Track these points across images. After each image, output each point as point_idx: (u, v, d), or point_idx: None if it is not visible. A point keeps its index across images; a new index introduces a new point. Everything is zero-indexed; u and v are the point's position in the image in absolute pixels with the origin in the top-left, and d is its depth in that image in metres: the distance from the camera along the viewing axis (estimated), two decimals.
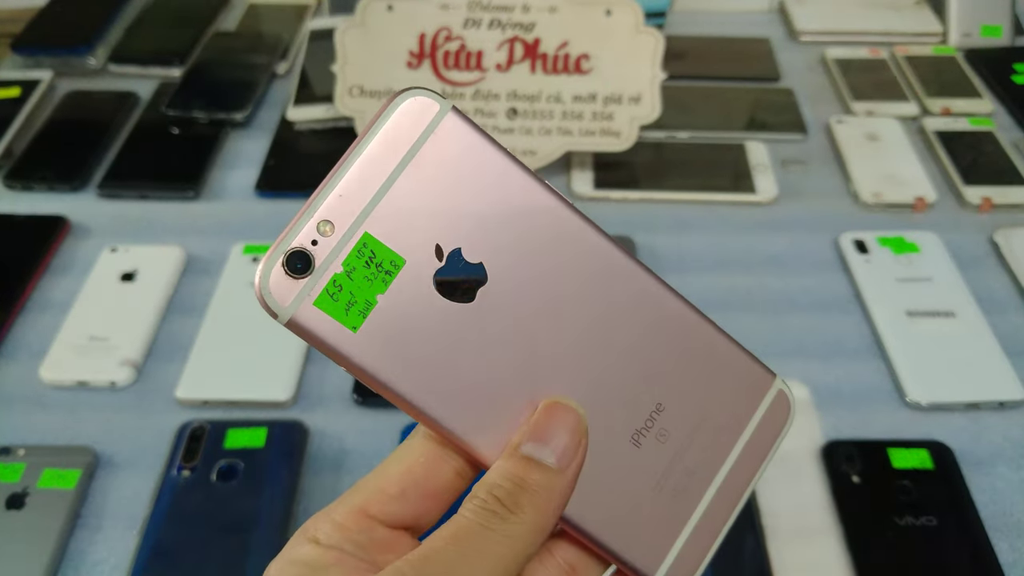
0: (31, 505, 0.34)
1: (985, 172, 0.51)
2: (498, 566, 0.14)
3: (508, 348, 0.15)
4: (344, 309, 0.14)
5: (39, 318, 0.43)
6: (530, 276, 0.15)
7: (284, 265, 0.14)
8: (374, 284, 0.14)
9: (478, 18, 0.48)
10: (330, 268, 0.14)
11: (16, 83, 0.59)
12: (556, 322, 0.15)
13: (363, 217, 0.14)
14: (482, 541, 0.14)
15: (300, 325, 0.14)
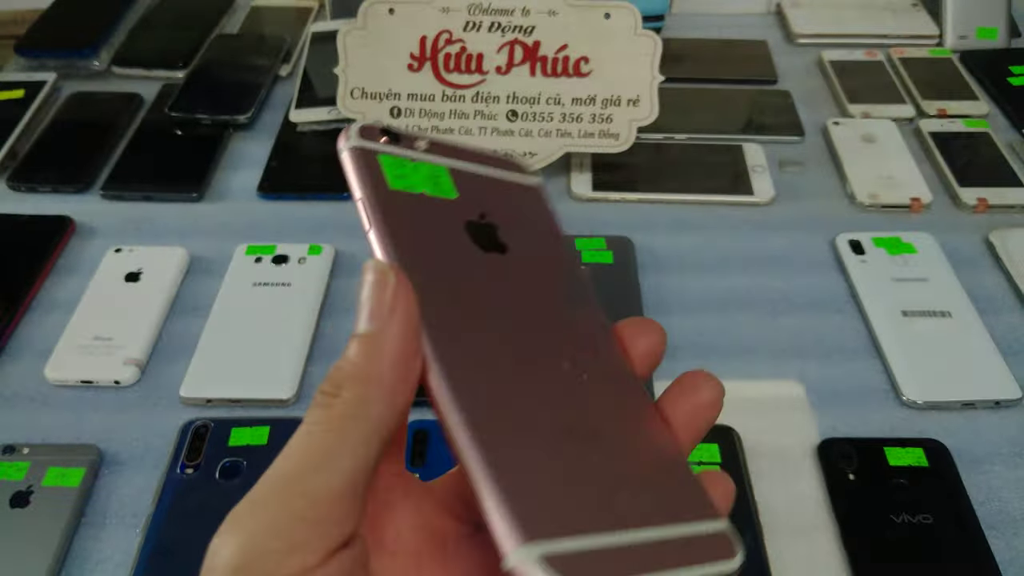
0: (35, 503, 0.34)
1: (980, 173, 0.52)
2: (337, 455, 0.13)
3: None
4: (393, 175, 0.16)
5: (44, 318, 0.44)
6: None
7: (380, 128, 0.16)
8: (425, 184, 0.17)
9: (479, 21, 0.49)
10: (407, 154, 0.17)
11: (20, 85, 0.59)
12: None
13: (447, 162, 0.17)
14: (310, 440, 0.13)
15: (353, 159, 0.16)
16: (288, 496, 0.13)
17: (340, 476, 0.13)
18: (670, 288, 0.45)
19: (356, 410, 0.14)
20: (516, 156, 0.20)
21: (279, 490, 0.13)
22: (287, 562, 0.12)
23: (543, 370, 0.16)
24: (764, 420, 0.38)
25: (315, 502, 0.13)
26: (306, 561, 0.13)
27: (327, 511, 0.13)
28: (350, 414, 0.14)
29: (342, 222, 0.50)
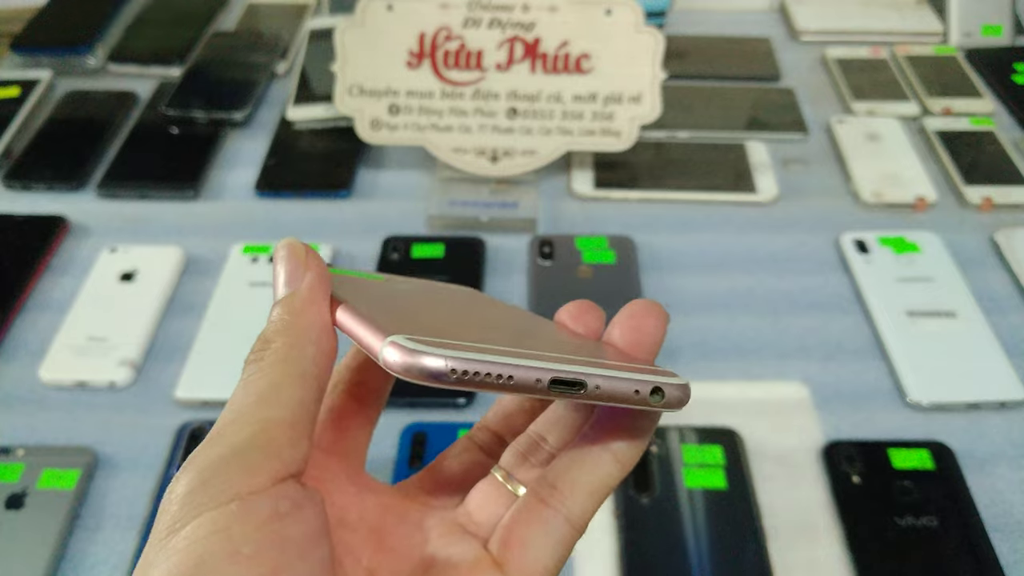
0: (30, 505, 0.34)
1: (986, 172, 0.51)
2: (276, 391, 0.14)
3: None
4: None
5: (38, 318, 0.43)
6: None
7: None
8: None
9: (478, 17, 0.48)
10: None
11: (15, 83, 0.59)
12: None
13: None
14: (248, 386, 0.15)
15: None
16: (236, 428, 0.14)
17: (282, 408, 0.14)
18: (672, 287, 0.44)
19: (286, 353, 0.15)
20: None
21: (226, 426, 0.14)
22: (236, 482, 0.13)
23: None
24: (767, 422, 0.37)
25: (261, 430, 0.14)
26: (254, 482, 0.13)
27: (273, 437, 0.14)
28: (281, 358, 0.15)
29: (340, 221, 0.49)
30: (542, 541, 0.16)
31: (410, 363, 0.13)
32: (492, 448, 0.19)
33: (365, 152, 0.54)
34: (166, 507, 0.13)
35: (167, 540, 0.13)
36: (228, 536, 0.13)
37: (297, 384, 0.15)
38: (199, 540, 0.12)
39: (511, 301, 0.44)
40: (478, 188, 0.50)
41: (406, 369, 0.13)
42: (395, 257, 0.46)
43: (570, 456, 0.16)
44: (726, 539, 0.33)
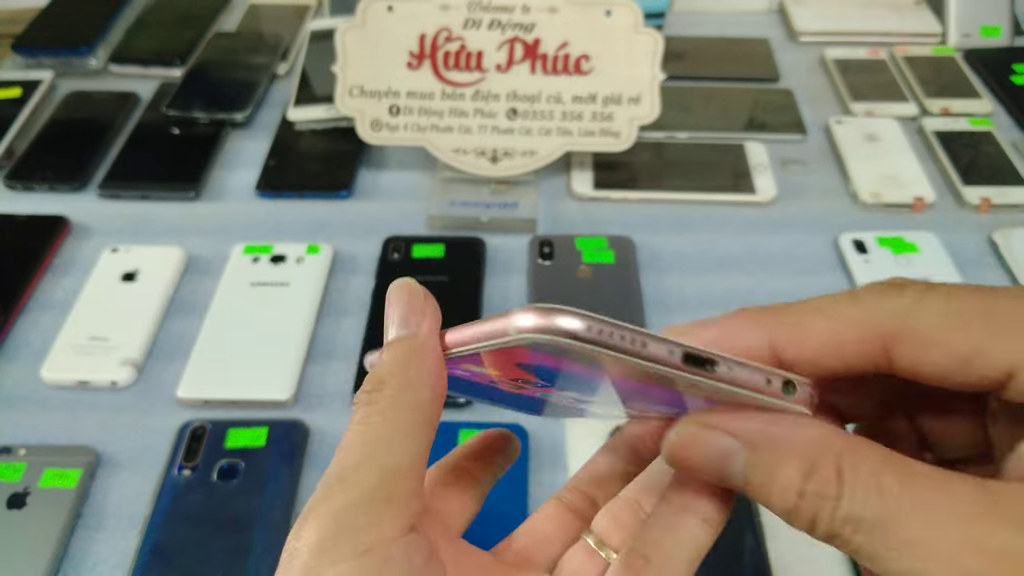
0: (32, 505, 0.34)
1: (984, 172, 0.51)
2: (395, 438, 0.14)
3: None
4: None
5: (40, 318, 0.43)
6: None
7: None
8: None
9: (478, 19, 0.48)
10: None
11: (17, 83, 0.59)
12: None
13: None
14: (366, 430, 0.14)
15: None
16: (360, 475, 0.14)
17: (401, 457, 0.14)
18: (671, 288, 0.45)
19: (403, 398, 0.15)
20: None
21: (349, 472, 0.14)
22: (370, 531, 0.13)
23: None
24: None
25: (387, 479, 0.14)
26: (385, 533, 0.13)
27: (398, 487, 0.14)
28: (397, 403, 0.14)
29: (341, 221, 0.49)
30: None
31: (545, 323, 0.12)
32: (583, 510, 0.18)
33: (365, 153, 0.54)
34: (296, 550, 0.13)
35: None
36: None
37: (414, 432, 0.14)
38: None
39: (511, 301, 0.44)
40: (478, 188, 0.50)
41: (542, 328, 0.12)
42: (395, 257, 0.46)
43: (659, 526, 0.16)
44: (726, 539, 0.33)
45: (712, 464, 0.14)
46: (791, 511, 0.13)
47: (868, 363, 0.14)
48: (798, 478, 0.13)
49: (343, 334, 0.42)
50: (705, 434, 0.14)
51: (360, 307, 0.44)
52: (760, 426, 0.13)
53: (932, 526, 0.12)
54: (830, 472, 0.12)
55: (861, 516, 0.12)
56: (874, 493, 0.12)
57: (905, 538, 0.12)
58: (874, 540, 0.12)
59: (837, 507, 0.12)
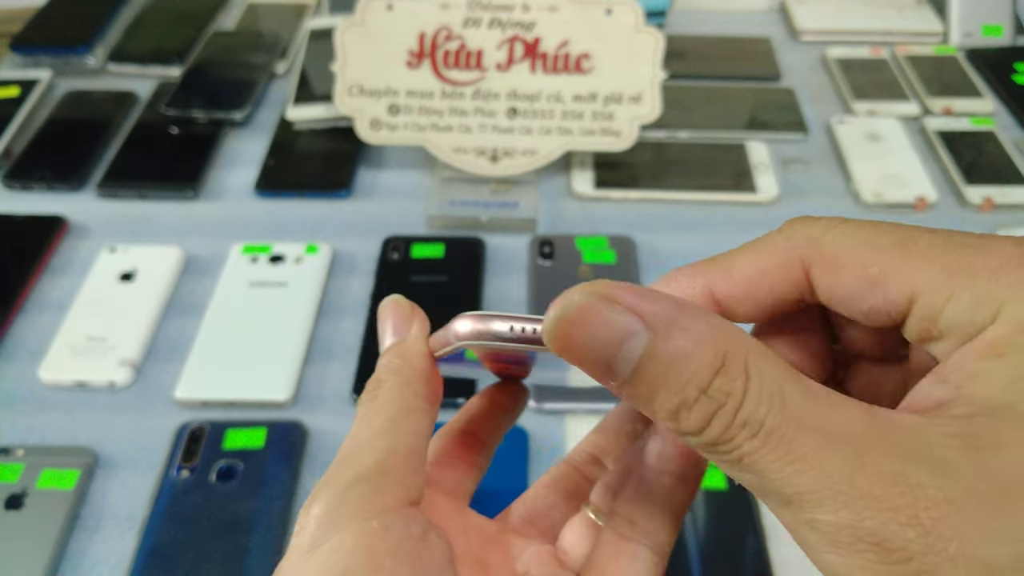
0: (30, 505, 0.34)
1: (986, 172, 0.51)
2: (394, 424, 0.15)
3: None
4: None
5: (38, 318, 0.43)
6: None
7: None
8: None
9: (478, 17, 0.48)
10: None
11: (15, 83, 0.59)
12: None
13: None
14: (367, 421, 0.15)
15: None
16: (361, 457, 0.15)
17: (400, 440, 0.15)
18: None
19: (399, 391, 0.16)
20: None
21: (350, 456, 0.15)
22: (371, 502, 0.14)
23: None
24: None
25: (385, 458, 0.15)
26: (386, 503, 0.14)
27: (396, 464, 0.15)
28: (395, 395, 0.16)
29: (339, 221, 0.49)
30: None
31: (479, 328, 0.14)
32: (590, 472, 0.19)
33: (365, 152, 0.54)
34: (304, 525, 0.14)
35: (310, 555, 0.13)
36: (371, 551, 0.13)
37: (411, 418, 0.15)
38: (343, 555, 0.13)
39: (511, 301, 0.44)
40: (478, 188, 0.50)
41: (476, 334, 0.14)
42: (395, 257, 0.46)
43: (638, 490, 0.16)
44: (726, 539, 0.33)
45: (603, 347, 0.12)
46: (683, 408, 0.12)
47: (794, 290, 0.14)
48: (707, 372, 0.11)
49: (342, 334, 0.42)
50: (603, 309, 0.12)
51: (359, 307, 0.44)
52: (668, 310, 0.12)
53: (824, 445, 0.11)
54: (739, 369, 0.11)
55: (762, 421, 0.11)
56: (777, 399, 0.11)
57: (797, 453, 0.11)
58: (765, 450, 0.11)
59: (740, 407, 0.11)
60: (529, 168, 0.49)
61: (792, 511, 0.11)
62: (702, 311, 0.12)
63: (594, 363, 0.12)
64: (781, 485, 0.11)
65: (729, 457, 0.12)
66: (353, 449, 0.15)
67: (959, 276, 0.12)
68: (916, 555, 0.10)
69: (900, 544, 0.10)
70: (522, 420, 0.37)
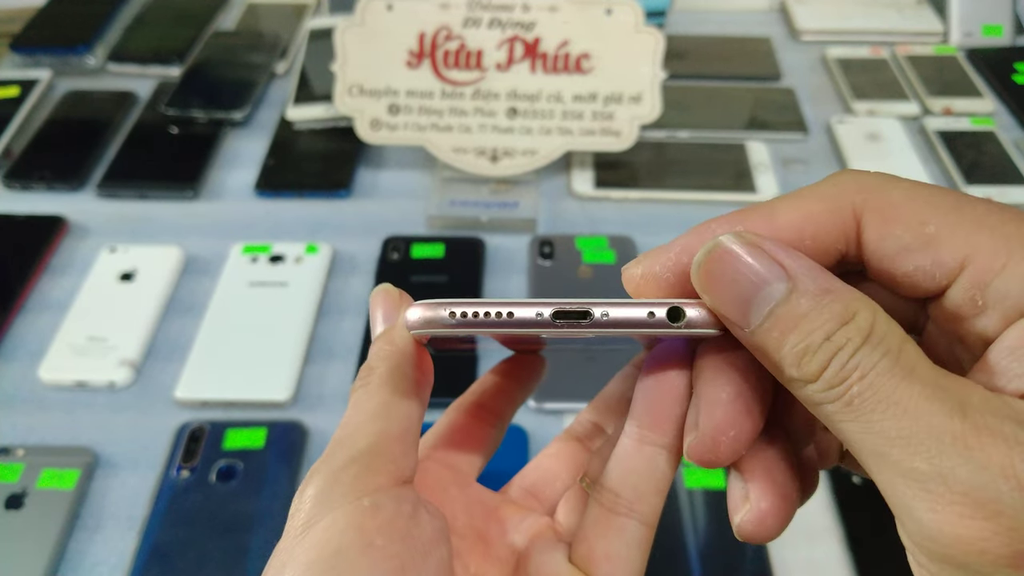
0: (30, 505, 0.34)
1: (986, 172, 0.51)
2: (386, 408, 0.15)
3: None
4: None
5: (38, 318, 0.43)
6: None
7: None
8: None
9: (478, 17, 0.48)
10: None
11: (15, 82, 0.59)
12: None
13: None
14: (359, 406, 0.16)
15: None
16: (353, 440, 0.15)
17: (392, 423, 0.15)
18: None
19: (389, 377, 0.16)
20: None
21: (343, 440, 0.15)
22: (363, 481, 0.14)
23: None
24: None
25: (377, 441, 0.15)
26: (378, 482, 0.14)
27: (388, 446, 0.15)
28: (385, 381, 0.16)
29: (339, 221, 0.49)
30: (624, 551, 0.16)
31: (426, 316, 0.15)
32: (592, 440, 0.19)
33: (365, 152, 0.54)
34: (299, 507, 0.14)
35: (303, 535, 0.14)
36: (362, 529, 0.13)
37: (403, 402, 0.16)
38: (336, 533, 0.13)
39: None
40: (478, 188, 0.50)
41: (423, 323, 0.15)
42: (395, 257, 0.46)
43: (622, 462, 0.16)
44: (726, 539, 0.33)
45: (746, 287, 0.13)
46: (808, 351, 0.12)
47: (840, 239, 0.14)
48: (835, 323, 0.12)
49: (342, 334, 0.42)
50: (751, 253, 0.13)
51: (359, 307, 0.44)
52: (809, 267, 0.12)
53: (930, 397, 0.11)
54: (867, 323, 0.12)
55: (874, 365, 0.11)
56: (893, 352, 0.12)
57: (903, 399, 0.11)
58: (873, 391, 0.11)
59: (858, 351, 0.12)
60: (529, 168, 0.49)
61: (890, 462, 0.11)
62: (836, 278, 0.12)
63: (732, 301, 0.13)
64: (885, 427, 0.11)
65: (840, 402, 0.12)
66: (346, 433, 0.15)
67: (1018, 247, 0.12)
68: (1007, 510, 0.10)
69: (992, 495, 0.10)
70: (522, 419, 0.37)
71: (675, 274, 0.15)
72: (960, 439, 0.11)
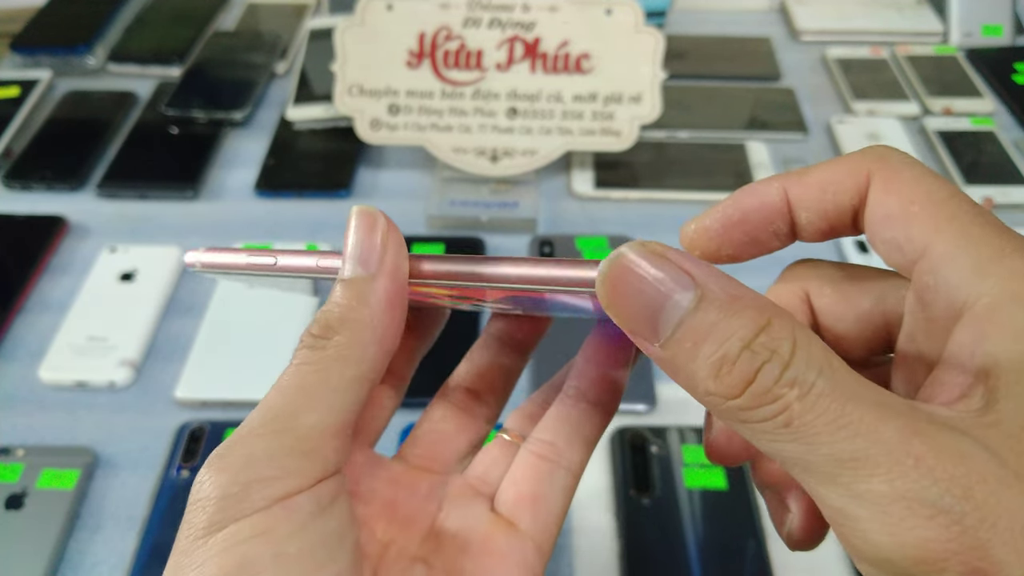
0: (30, 505, 0.34)
1: (986, 172, 0.51)
2: (328, 395, 0.14)
3: None
4: None
5: (38, 318, 0.43)
6: None
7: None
8: None
9: (478, 17, 0.48)
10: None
11: (15, 83, 0.59)
12: None
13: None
14: (302, 379, 0.14)
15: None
16: (280, 430, 0.13)
17: (332, 415, 0.14)
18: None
19: (348, 352, 0.14)
20: None
21: (270, 423, 0.13)
22: (277, 486, 0.13)
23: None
24: None
25: (307, 437, 0.13)
26: (294, 485, 0.13)
27: (318, 445, 0.13)
28: (342, 356, 0.14)
29: (340, 221, 0.49)
30: (552, 496, 0.17)
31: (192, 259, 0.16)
32: (471, 407, 0.19)
33: (365, 152, 0.54)
34: (201, 506, 0.13)
35: (204, 541, 0.12)
36: (273, 538, 0.12)
37: (352, 388, 0.14)
38: (241, 542, 0.12)
39: None
40: (478, 188, 0.50)
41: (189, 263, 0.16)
42: None
43: (560, 415, 0.18)
44: (726, 539, 0.33)
45: (652, 298, 0.12)
46: (725, 362, 0.11)
47: (854, 197, 0.14)
48: (751, 328, 0.11)
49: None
50: (655, 262, 0.12)
51: None
52: (717, 274, 0.12)
53: (877, 413, 0.11)
54: (786, 331, 0.11)
55: (812, 383, 0.11)
56: (827, 368, 0.11)
57: (850, 418, 0.11)
58: (817, 411, 0.11)
59: (789, 365, 0.11)
60: (529, 168, 0.49)
61: (841, 483, 0.11)
62: (748, 287, 0.12)
63: (640, 314, 0.12)
64: (835, 450, 0.11)
65: (776, 421, 0.11)
66: (274, 413, 0.13)
67: (970, 244, 0.12)
68: (970, 528, 0.10)
69: (956, 517, 0.10)
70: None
71: (723, 224, 0.15)
72: (920, 460, 0.10)
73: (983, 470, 0.10)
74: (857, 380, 0.11)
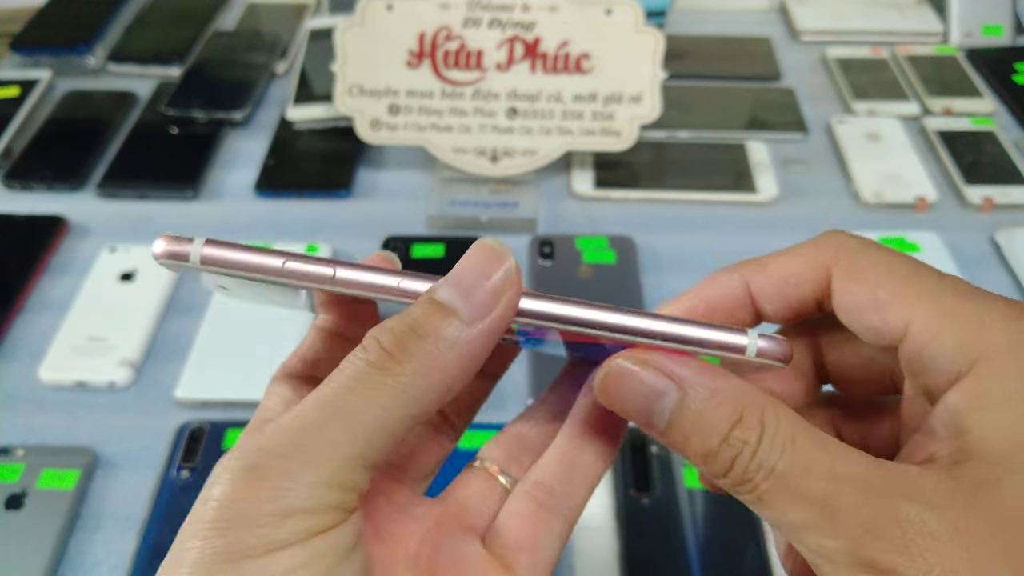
0: (30, 505, 0.34)
1: (986, 172, 0.51)
2: (380, 432, 0.13)
3: None
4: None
5: (38, 318, 0.43)
6: None
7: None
8: None
9: (478, 17, 0.48)
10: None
11: (15, 83, 0.59)
12: None
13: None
14: (349, 398, 0.13)
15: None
16: (320, 458, 0.12)
17: (373, 451, 0.13)
18: (672, 288, 0.44)
19: (410, 390, 0.13)
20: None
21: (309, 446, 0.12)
22: (313, 520, 0.12)
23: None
24: None
25: (349, 468, 0.13)
26: (330, 520, 0.12)
27: (359, 480, 0.13)
28: (401, 391, 0.13)
29: (340, 221, 0.49)
30: (549, 543, 0.17)
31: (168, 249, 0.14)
32: (438, 425, 0.19)
33: (365, 152, 0.54)
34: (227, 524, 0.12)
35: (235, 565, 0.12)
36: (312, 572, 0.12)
37: (406, 424, 0.13)
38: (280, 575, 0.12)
39: None
40: (478, 188, 0.50)
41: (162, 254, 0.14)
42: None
43: (560, 459, 0.17)
44: (726, 539, 0.33)
45: (642, 402, 0.14)
46: (709, 454, 0.14)
47: (817, 291, 0.15)
48: (726, 424, 0.14)
49: None
50: (641, 371, 0.14)
51: None
52: (696, 372, 0.14)
53: (830, 487, 0.13)
54: (755, 421, 0.13)
55: (773, 466, 0.13)
56: (789, 447, 0.13)
57: (805, 493, 0.13)
58: (777, 489, 0.13)
59: (756, 452, 0.13)
60: (529, 168, 0.49)
61: (804, 542, 0.13)
62: (726, 373, 0.14)
63: (635, 415, 0.14)
64: (796, 518, 0.13)
65: (751, 496, 0.14)
66: (314, 431, 0.12)
67: (949, 320, 0.14)
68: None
69: (890, 567, 0.12)
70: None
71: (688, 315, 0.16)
72: (864, 525, 0.12)
73: (921, 529, 0.12)
74: (819, 451, 0.13)
